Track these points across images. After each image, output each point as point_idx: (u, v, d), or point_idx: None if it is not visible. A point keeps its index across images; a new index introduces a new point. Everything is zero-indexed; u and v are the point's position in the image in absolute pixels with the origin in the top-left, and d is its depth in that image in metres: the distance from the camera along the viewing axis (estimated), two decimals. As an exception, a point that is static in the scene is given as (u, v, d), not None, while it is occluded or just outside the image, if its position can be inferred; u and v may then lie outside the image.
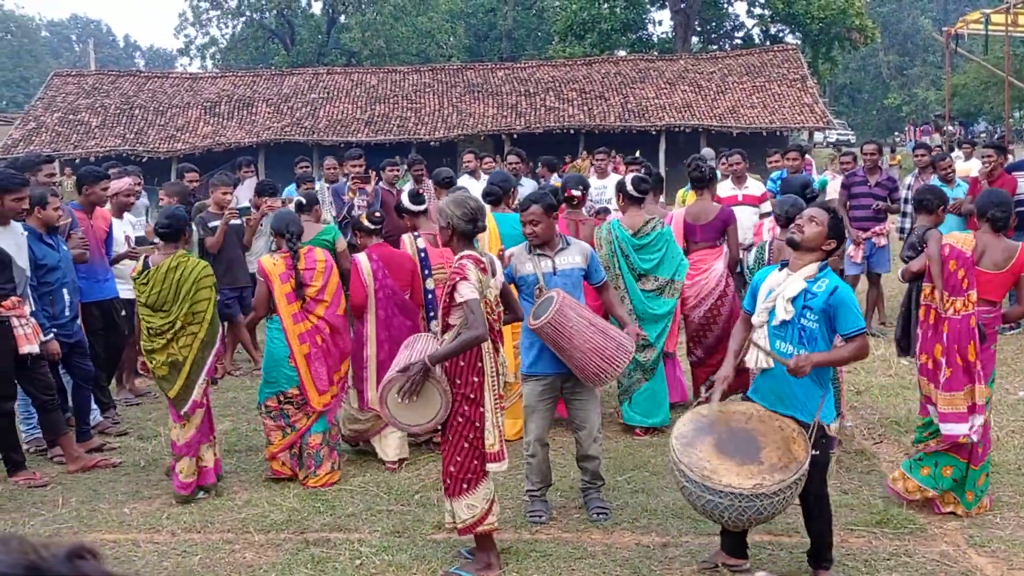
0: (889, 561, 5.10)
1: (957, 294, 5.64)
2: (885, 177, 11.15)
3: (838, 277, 4.83)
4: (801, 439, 4.56)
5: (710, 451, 4.62)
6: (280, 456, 6.58)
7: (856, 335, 4.63)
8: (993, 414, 7.59)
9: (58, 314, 7.08)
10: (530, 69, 38.06)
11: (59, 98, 36.10)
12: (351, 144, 28.06)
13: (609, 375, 5.54)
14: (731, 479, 4.46)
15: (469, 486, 4.93)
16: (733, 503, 4.42)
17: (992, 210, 5.80)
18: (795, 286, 4.69)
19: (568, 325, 5.43)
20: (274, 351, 6.56)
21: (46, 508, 6.22)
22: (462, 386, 4.87)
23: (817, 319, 4.63)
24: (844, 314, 4.61)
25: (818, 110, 33.21)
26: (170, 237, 6.44)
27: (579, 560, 5.17)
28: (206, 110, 35.25)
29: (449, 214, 4.93)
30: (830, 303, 4.60)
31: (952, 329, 5.64)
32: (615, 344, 5.47)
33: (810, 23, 41.21)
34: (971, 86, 45.41)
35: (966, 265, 5.66)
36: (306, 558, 5.28)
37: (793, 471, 4.43)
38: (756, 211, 9.86)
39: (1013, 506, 5.84)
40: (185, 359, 6.27)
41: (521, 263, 5.82)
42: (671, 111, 33.55)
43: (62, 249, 7.26)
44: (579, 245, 5.96)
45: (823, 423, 4.64)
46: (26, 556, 0.88)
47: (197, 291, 6.32)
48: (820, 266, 4.74)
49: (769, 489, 4.39)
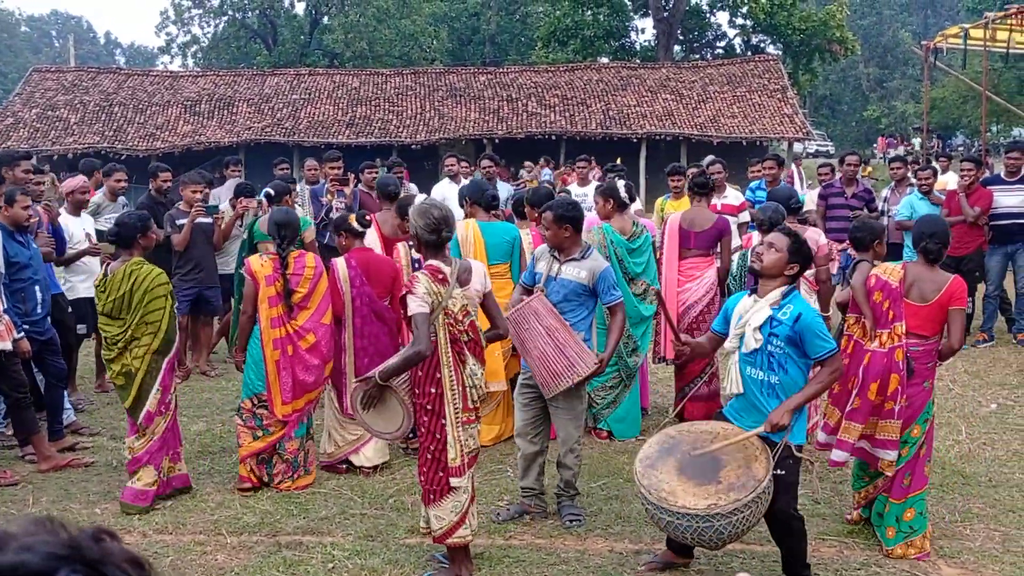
0: (860, 571, 5.13)
1: (883, 327, 5.42)
2: (862, 189, 11.25)
3: (804, 301, 4.82)
4: (764, 457, 4.56)
5: (671, 473, 4.66)
6: (247, 461, 6.47)
7: (827, 357, 4.62)
8: (965, 426, 7.68)
9: (30, 311, 7.03)
10: (512, 74, 38.07)
11: (38, 94, 35.81)
12: (332, 146, 27.97)
13: (550, 388, 5.57)
14: (687, 500, 4.49)
15: (435, 497, 4.93)
16: (691, 524, 4.45)
17: (925, 241, 5.54)
18: (761, 314, 4.72)
19: (524, 327, 5.58)
20: (254, 352, 6.52)
21: (16, 507, 6.17)
22: (420, 397, 4.88)
23: (783, 345, 4.65)
24: (810, 339, 4.60)
25: (798, 121, 33.37)
26: (122, 244, 6.20)
27: (552, 566, 5.18)
28: (186, 109, 35.06)
29: (412, 224, 4.91)
30: (795, 329, 4.61)
31: (874, 362, 5.38)
32: (566, 362, 5.51)
33: (791, 34, 41.43)
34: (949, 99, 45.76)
35: (892, 297, 5.43)
36: (278, 561, 5.26)
37: (750, 489, 4.43)
38: (735, 220, 9.91)
39: (984, 518, 5.89)
40: (137, 370, 6.07)
41: (539, 260, 5.97)
42: (652, 119, 33.63)
43: (32, 247, 7.21)
44: (593, 261, 5.81)
45: (791, 443, 4.64)
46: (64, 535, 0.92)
47: (150, 300, 6.07)
48: (785, 292, 4.74)
49: (725, 509, 4.39)
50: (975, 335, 10.81)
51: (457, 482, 4.89)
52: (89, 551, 0.92)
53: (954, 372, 9.55)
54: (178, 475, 6.37)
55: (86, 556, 0.91)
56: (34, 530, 0.93)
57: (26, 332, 6.83)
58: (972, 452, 7.13)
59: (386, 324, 6.87)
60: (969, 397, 8.66)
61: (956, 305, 5.46)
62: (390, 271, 7.00)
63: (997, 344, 10.72)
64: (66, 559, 0.90)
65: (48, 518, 0.97)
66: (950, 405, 8.35)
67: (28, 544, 0.90)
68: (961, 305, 5.53)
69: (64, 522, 0.95)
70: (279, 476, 6.47)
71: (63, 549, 0.91)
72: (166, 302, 6.15)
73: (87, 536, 0.95)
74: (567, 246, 5.81)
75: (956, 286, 5.46)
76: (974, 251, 10.55)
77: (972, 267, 10.57)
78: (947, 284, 5.44)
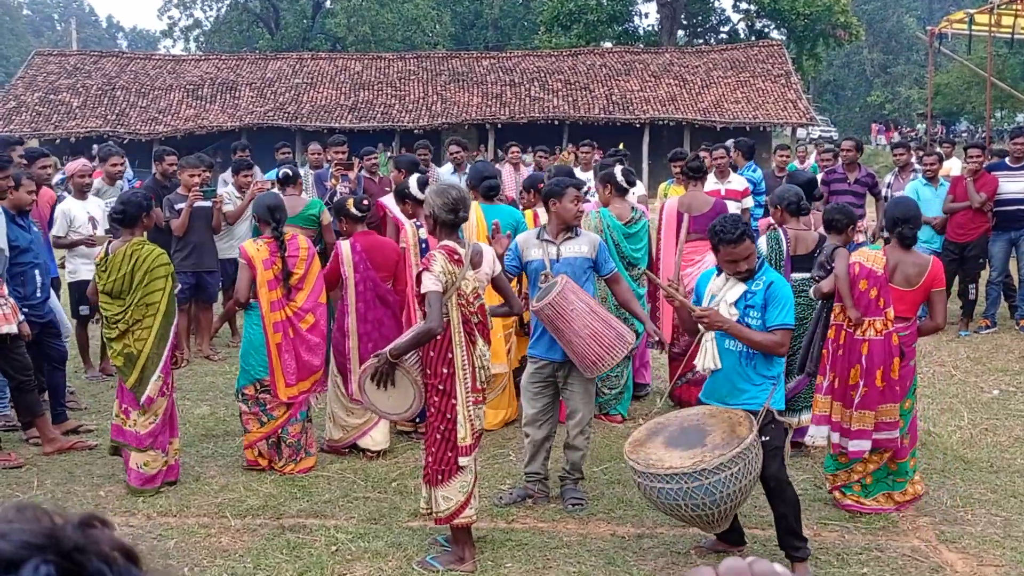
0: (861, 555, 5.15)
1: (875, 314, 5.50)
2: (864, 174, 11.20)
3: (776, 272, 5.00)
4: (747, 422, 4.66)
5: (659, 446, 4.74)
6: (257, 446, 6.51)
7: (780, 329, 4.72)
8: (967, 412, 7.69)
9: (29, 295, 7.04)
10: (515, 59, 38.00)
11: (40, 77, 35.77)
12: (334, 130, 27.94)
13: (605, 363, 5.53)
14: (673, 461, 4.56)
15: (444, 477, 4.94)
16: (680, 485, 4.48)
17: (900, 227, 5.64)
18: (736, 289, 4.83)
19: (568, 309, 5.47)
20: (252, 338, 6.51)
21: (21, 489, 6.19)
22: (431, 377, 4.88)
23: (759, 315, 4.77)
24: (772, 307, 4.74)
25: (801, 106, 33.32)
26: (125, 223, 6.18)
27: (554, 550, 5.20)
28: (188, 93, 35.03)
29: (431, 203, 4.91)
30: (767, 296, 4.75)
31: (873, 350, 5.50)
32: (615, 333, 5.49)
33: (795, 19, 41.30)
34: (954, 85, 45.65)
35: (879, 283, 5.52)
36: (282, 544, 5.28)
37: (734, 446, 4.50)
38: (739, 205, 9.90)
39: (985, 503, 5.90)
40: (140, 352, 6.07)
41: (528, 249, 5.89)
42: (655, 104, 33.58)
43: (33, 231, 7.23)
44: (588, 236, 5.94)
45: (772, 409, 4.75)
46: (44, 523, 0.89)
47: (150, 281, 6.06)
48: (757, 264, 4.87)
49: (711, 464, 4.43)
50: (978, 321, 10.82)
51: (465, 461, 4.93)
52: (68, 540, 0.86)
53: (957, 358, 9.56)
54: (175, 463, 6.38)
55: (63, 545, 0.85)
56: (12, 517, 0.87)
57: (25, 315, 6.83)
58: (974, 438, 7.13)
59: (390, 308, 6.87)
60: (971, 383, 8.67)
61: (938, 287, 5.70)
62: (394, 255, 6.98)
63: (1000, 330, 10.72)
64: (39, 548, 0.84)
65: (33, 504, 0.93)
66: (952, 391, 8.36)
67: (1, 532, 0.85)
68: (942, 286, 5.78)
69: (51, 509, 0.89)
70: (283, 459, 6.49)
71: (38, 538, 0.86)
72: (167, 283, 6.13)
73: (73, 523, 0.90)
74: (578, 222, 5.89)
75: (937, 267, 5.71)
76: (978, 237, 10.54)
77: (976, 253, 10.57)
78: (929, 267, 5.64)
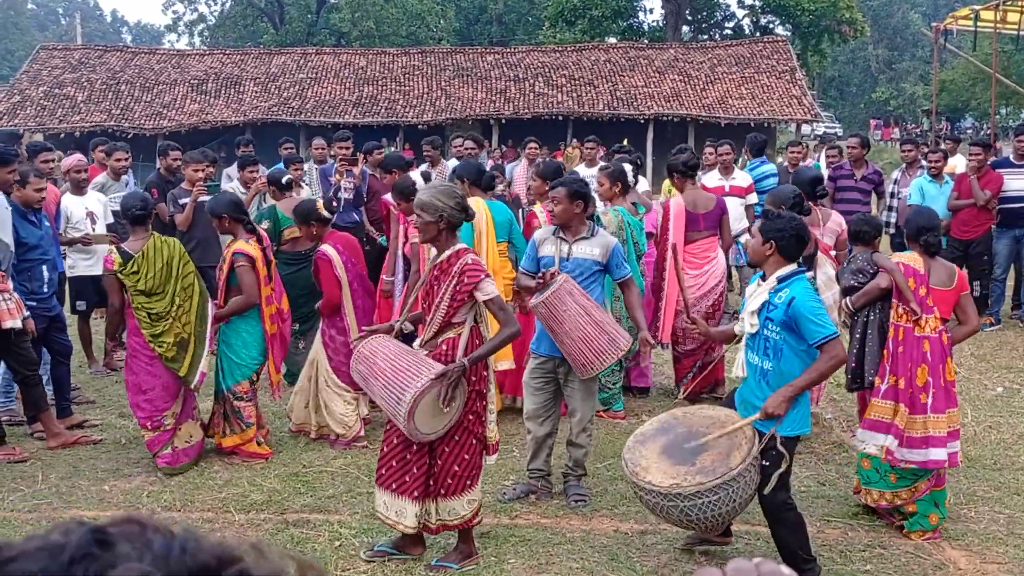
0: (864, 552, 5.15)
1: (928, 312, 5.36)
2: (871, 171, 11.19)
3: (804, 285, 4.62)
4: (746, 448, 4.50)
5: (654, 451, 4.70)
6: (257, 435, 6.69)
7: (824, 342, 4.44)
8: (971, 409, 7.69)
9: (36, 289, 7.06)
10: (520, 54, 37.93)
11: (45, 72, 35.76)
12: (338, 125, 27.97)
13: (594, 368, 5.53)
14: (654, 476, 4.53)
15: (472, 482, 4.90)
16: (657, 501, 4.52)
17: (926, 235, 5.57)
18: (759, 298, 4.68)
19: (561, 309, 5.48)
20: (245, 334, 6.66)
21: (26, 484, 6.21)
22: (476, 382, 4.83)
23: (779, 331, 4.55)
24: (805, 325, 4.44)
25: (806, 102, 33.24)
26: (145, 220, 6.57)
27: (557, 546, 5.20)
28: (193, 87, 35.00)
29: (442, 206, 4.69)
30: (789, 315, 4.49)
31: (933, 348, 5.32)
32: (607, 339, 5.48)
33: (800, 15, 41.21)
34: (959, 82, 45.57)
35: (924, 283, 5.43)
36: (286, 539, 5.30)
37: (717, 476, 4.40)
38: (742, 202, 9.91)
39: (989, 500, 5.90)
40: (189, 335, 6.43)
41: (542, 244, 5.91)
42: (659, 100, 33.52)
43: (44, 226, 7.25)
44: (604, 238, 5.88)
45: (778, 435, 4.52)
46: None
47: (184, 264, 6.52)
48: (781, 275, 4.61)
49: (686, 491, 4.41)
50: (982, 319, 10.80)
51: (492, 459, 5.05)
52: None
53: (960, 355, 9.54)
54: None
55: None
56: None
57: (32, 309, 6.85)
58: (978, 435, 7.14)
59: (372, 299, 7.29)
60: (975, 380, 8.67)
61: (965, 291, 5.65)
62: (359, 246, 7.53)
63: (1004, 327, 10.71)
64: None
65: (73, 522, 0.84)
66: (957, 388, 8.33)
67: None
68: (967, 290, 5.72)
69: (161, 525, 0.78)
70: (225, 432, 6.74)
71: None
72: (192, 265, 6.61)
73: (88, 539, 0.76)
74: (576, 224, 5.82)
75: (962, 273, 5.77)
76: (982, 235, 10.52)
77: (980, 251, 10.56)
78: (958, 271, 5.63)
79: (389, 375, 4.60)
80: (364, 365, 4.75)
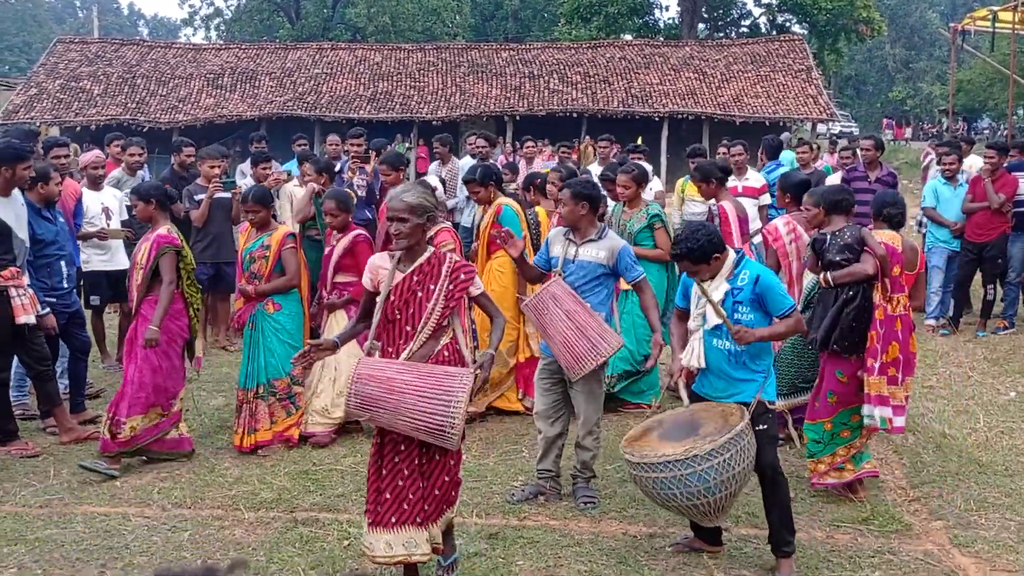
0: (873, 559, 5.14)
1: (899, 291, 5.85)
2: (885, 172, 11.09)
3: (757, 264, 5.01)
4: (739, 412, 4.72)
5: (653, 440, 4.82)
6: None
7: (789, 312, 4.84)
8: (983, 414, 7.66)
9: (56, 285, 7.11)
10: (535, 51, 37.89)
11: (61, 65, 35.90)
12: (353, 121, 28.00)
13: (574, 372, 5.56)
14: (665, 449, 4.64)
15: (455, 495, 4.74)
16: (673, 473, 4.55)
17: (888, 208, 6.14)
18: (720, 290, 4.85)
19: (545, 312, 5.58)
20: (291, 328, 6.99)
21: (37, 479, 6.25)
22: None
23: (749, 310, 4.84)
24: (772, 297, 4.83)
25: (822, 101, 33.11)
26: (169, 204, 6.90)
27: (566, 548, 5.20)
28: (208, 82, 35.08)
29: (429, 205, 4.53)
30: (756, 291, 4.81)
31: (904, 324, 5.83)
32: (588, 344, 5.49)
33: (817, 14, 41.03)
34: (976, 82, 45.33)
35: (900, 262, 5.92)
36: (295, 537, 5.31)
37: (726, 432, 4.56)
38: (755, 203, 9.86)
39: (999, 507, 5.87)
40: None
41: (554, 244, 5.94)
42: (675, 98, 33.44)
43: (59, 222, 7.29)
44: (611, 241, 5.82)
45: (764, 400, 4.83)
46: None
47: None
48: (735, 260, 4.90)
49: (703, 450, 4.51)
50: (996, 322, 10.75)
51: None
52: None
53: (974, 359, 9.52)
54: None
55: None
56: None
57: (51, 305, 6.90)
58: (989, 440, 7.10)
59: None
60: (988, 384, 8.62)
61: (923, 270, 6.31)
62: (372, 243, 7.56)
63: (1018, 331, 10.65)
64: None
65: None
66: (968, 392, 8.32)
67: None
68: (923, 270, 6.36)
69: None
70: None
71: None
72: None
73: None
74: (583, 225, 5.81)
75: (923, 255, 6.32)
76: (997, 238, 10.46)
77: (995, 253, 10.49)
78: (920, 253, 6.18)
79: (419, 385, 4.29)
80: (375, 385, 4.31)
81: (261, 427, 6.76)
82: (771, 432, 4.90)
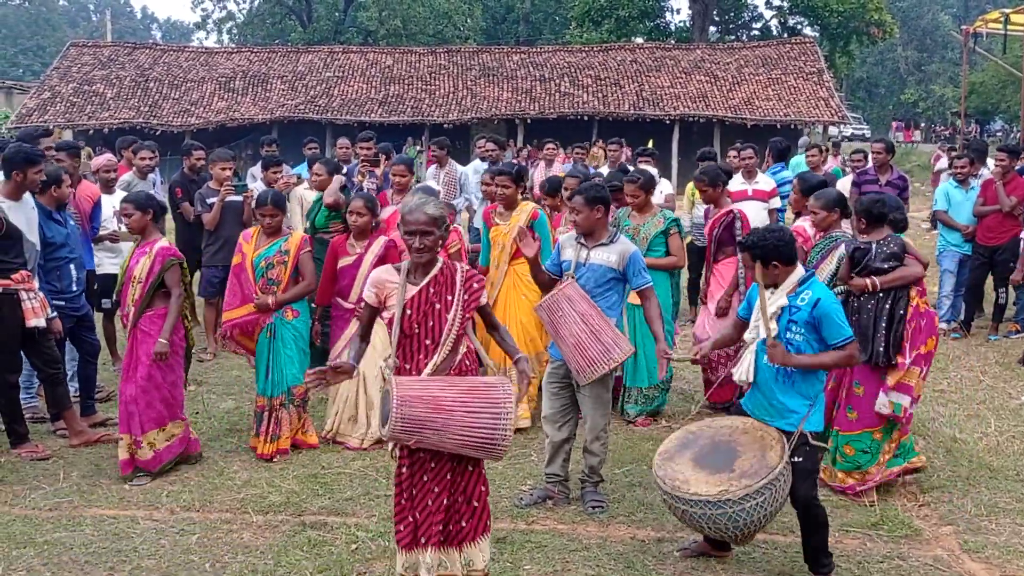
0: (883, 564, 5.11)
1: (923, 294, 6.06)
2: (896, 176, 11.04)
3: (823, 287, 4.85)
4: (779, 446, 4.60)
5: (687, 464, 4.72)
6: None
7: (843, 344, 4.67)
8: (995, 419, 7.62)
9: (65, 288, 7.12)
10: (546, 54, 37.94)
11: (74, 68, 36.10)
12: (364, 124, 28.10)
13: (585, 376, 5.53)
14: (699, 488, 4.54)
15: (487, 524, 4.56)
16: (704, 511, 4.51)
17: (893, 213, 6.16)
18: (778, 303, 4.77)
19: (558, 314, 5.55)
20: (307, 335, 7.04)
21: (47, 481, 6.27)
22: None
23: (803, 332, 4.70)
24: (828, 325, 4.67)
25: (834, 104, 33.05)
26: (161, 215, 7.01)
27: (574, 552, 5.20)
28: (221, 85, 35.22)
29: (445, 216, 4.41)
30: (814, 315, 4.67)
31: (928, 321, 6.03)
32: (601, 348, 5.47)
33: (828, 16, 40.98)
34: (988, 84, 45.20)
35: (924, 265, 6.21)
36: (303, 541, 5.31)
37: (762, 476, 4.46)
38: (765, 206, 9.84)
39: (1009, 512, 5.84)
40: None
41: (565, 248, 5.93)
42: (686, 101, 33.43)
43: (70, 225, 7.31)
44: (622, 246, 5.80)
45: (806, 432, 4.67)
46: None
47: None
48: (801, 278, 4.78)
49: (735, 495, 4.44)
50: (1008, 325, 10.70)
51: None
52: None
53: (985, 363, 9.46)
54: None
55: None
56: None
57: (61, 308, 6.92)
58: (1000, 445, 7.06)
59: None
60: (999, 389, 8.57)
61: None
62: None
63: (1030, 336, 10.59)
64: None
65: None
66: (980, 397, 8.28)
67: None
68: None
69: None
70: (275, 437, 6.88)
71: None
72: None
73: None
74: (598, 229, 5.79)
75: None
76: (1008, 241, 10.40)
77: (1007, 257, 10.43)
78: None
79: (466, 400, 4.14)
80: (422, 406, 4.07)
81: (284, 434, 6.78)
82: (808, 465, 4.71)
